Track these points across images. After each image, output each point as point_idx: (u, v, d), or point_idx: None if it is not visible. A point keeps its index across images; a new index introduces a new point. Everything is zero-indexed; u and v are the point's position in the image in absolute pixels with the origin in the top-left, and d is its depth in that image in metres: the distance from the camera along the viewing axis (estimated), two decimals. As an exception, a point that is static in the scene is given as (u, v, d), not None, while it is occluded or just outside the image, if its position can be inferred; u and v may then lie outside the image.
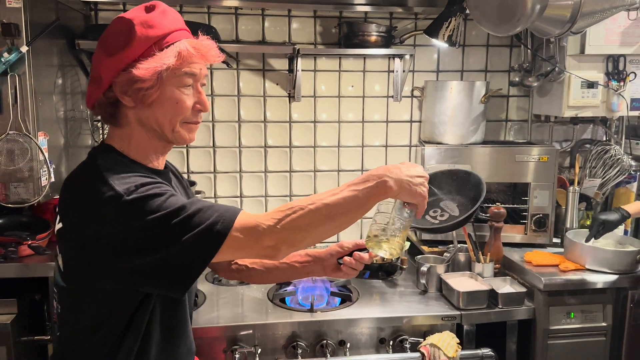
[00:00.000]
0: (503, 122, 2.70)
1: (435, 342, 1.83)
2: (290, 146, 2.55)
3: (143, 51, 1.10)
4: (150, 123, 1.16)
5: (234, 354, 1.82)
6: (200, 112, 1.20)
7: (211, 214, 1.05)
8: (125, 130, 1.18)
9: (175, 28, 1.14)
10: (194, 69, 1.15)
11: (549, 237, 2.37)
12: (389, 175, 1.11)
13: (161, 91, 1.13)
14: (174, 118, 1.16)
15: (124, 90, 1.12)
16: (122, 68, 1.10)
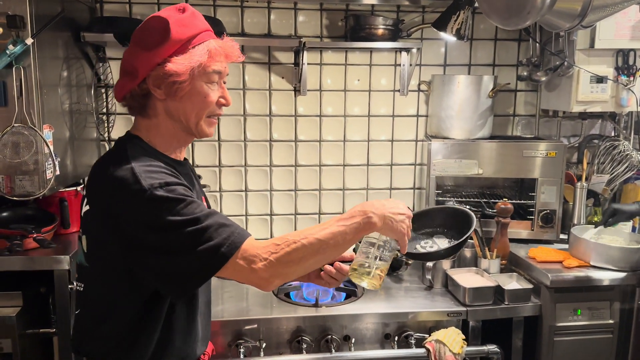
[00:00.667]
0: (510, 117, 2.67)
1: (441, 338, 1.82)
2: (296, 140, 2.54)
3: (177, 48, 1.19)
4: (178, 115, 1.24)
5: (239, 348, 1.82)
6: (223, 106, 1.29)
7: (221, 233, 1.10)
8: (153, 121, 1.26)
9: (204, 29, 1.24)
10: (220, 67, 1.24)
11: (555, 233, 2.35)
12: (374, 211, 1.17)
13: (192, 86, 1.21)
14: (200, 111, 1.24)
15: (157, 83, 1.20)
16: (158, 62, 1.18)
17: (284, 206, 2.57)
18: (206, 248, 1.08)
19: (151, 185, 1.11)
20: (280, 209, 2.57)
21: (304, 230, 1.15)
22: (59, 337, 1.87)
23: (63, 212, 2.01)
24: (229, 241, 1.10)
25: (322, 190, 2.59)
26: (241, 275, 1.12)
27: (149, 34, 1.20)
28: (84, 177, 2.26)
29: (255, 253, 1.11)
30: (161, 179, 1.14)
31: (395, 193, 2.64)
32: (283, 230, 2.59)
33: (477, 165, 2.32)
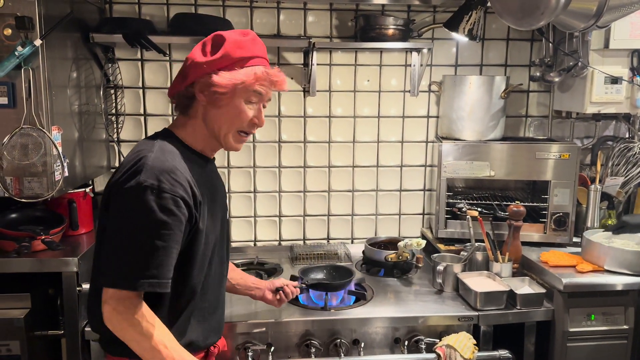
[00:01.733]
0: (523, 118, 2.63)
1: (452, 343, 1.80)
2: (305, 141, 2.52)
3: (227, 64, 1.33)
4: (212, 122, 1.38)
5: (247, 351, 1.81)
6: (255, 126, 1.41)
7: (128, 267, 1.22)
8: (192, 121, 1.41)
9: (259, 55, 1.38)
10: (262, 90, 1.37)
11: (569, 237, 2.31)
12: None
13: (231, 99, 1.35)
14: (232, 125, 1.38)
15: (202, 89, 1.34)
16: (207, 72, 1.33)
17: (293, 207, 2.56)
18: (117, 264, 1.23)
19: (161, 185, 1.24)
20: (289, 210, 2.56)
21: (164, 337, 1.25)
22: (67, 339, 1.86)
23: (72, 213, 2.01)
24: (131, 278, 1.21)
25: (331, 192, 2.57)
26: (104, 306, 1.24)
27: (207, 46, 1.37)
28: (92, 179, 2.26)
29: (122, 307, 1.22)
30: (172, 184, 1.25)
31: (405, 195, 2.62)
32: (292, 232, 2.57)
33: (489, 167, 2.28)
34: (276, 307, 1.83)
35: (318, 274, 2.12)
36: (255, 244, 2.56)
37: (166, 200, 1.23)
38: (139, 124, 2.42)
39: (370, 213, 2.61)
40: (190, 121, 1.41)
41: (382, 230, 2.63)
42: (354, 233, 2.62)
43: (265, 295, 1.80)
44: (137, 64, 2.37)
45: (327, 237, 2.60)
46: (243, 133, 1.41)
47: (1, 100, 1.66)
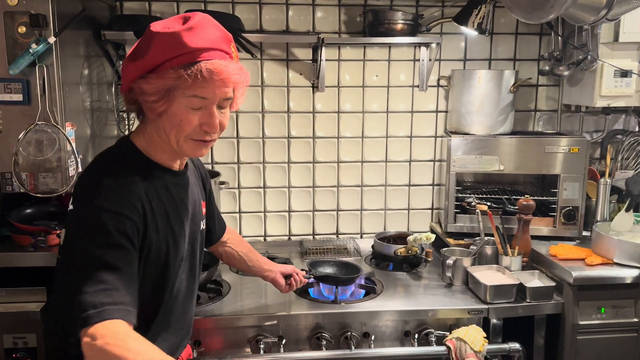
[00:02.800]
0: (532, 112, 2.63)
1: (462, 336, 1.81)
2: (314, 137, 2.53)
3: (159, 63, 1.12)
4: (159, 130, 1.22)
5: (259, 344, 1.83)
6: (208, 133, 1.20)
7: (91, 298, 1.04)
8: (147, 127, 1.24)
9: (203, 46, 1.13)
10: (205, 93, 1.15)
11: (578, 230, 2.31)
12: None
13: (168, 106, 1.16)
14: (178, 133, 1.19)
15: (137, 95, 1.17)
16: (139, 76, 1.14)
17: (302, 203, 2.57)
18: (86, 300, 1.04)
19: (102, 204, 1.11)
20: (299, 205, 2.57)
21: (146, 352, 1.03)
22: (81, 332, 1.89)
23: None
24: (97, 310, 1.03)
25: (340, 187, 2.58)
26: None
27: (140, 44, 1.16)
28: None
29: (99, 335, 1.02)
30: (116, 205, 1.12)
31: (414, 189, 2.62)
32: (301, 227, 2.59)
33: (498, 162, 2.29)
34: (283, 292, 1.84)
35: (326, 267, 2.14)
36: (265, 238, 2.58)
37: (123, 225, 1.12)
38: (149, 120, 2.44)
39: (379, 208, 2.62)
40: (147, 127, 1.24)
41: (391, 225, 2.64)
42: (363, 228, 2.63)
43: (276, 278, 1.80)
44: (147, 61, 2.39)
45: (336, 232, 2.62)
46: (199, 140, 1.21)
47: (16, 97, 1.69)
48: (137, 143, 1.25)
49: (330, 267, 2.14)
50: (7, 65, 1.67)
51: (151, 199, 1.22)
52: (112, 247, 1.09)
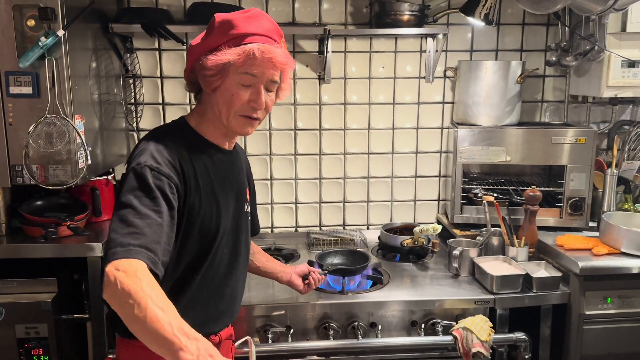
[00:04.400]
0: (539, 103, 2.63)
1: (468, 326, 1.82)
2: (320, 129, 2.54)
3: (217, 45, 1.28)
4: (213, 107, 1.35)
5: (267, 333, 1.85)
6: (256, 110, 1.33)
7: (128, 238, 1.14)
8: (202, 107, 1.39)
9: (257, 32, 1.29)
10: (255, 71, 1.28)
11: (585, 221, 2.32)
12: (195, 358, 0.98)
13: (222, 82, 1.30)
14: (229, 108, 1.32)
15: (198, 74, 1.32)
16: (201, 55, 1.30)
17: (309, 194, 2.59)
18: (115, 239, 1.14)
19: (146, 161, 1.23)
20: (305, 197, 2.59)
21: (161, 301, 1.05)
22: (92, 322, 1.92)
23: (95, 200, 2.06)
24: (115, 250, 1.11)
25: (346, 179, 2.59)
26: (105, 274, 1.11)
27: (205, 32, 1.33)
28: (113, 167, 2.30)
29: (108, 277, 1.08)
30: (158, 162, 1.23)
31: (420, 181, 2.63)
32: (308, 219, 2.61)
33: (505, 153, 2.29)
34: (302, 293, 1.84)
35: (335, 258, 2.15)
36: (273, 230, 2.60)
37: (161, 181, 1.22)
38: (157, 113, 2.45)
39: (385, 199, 2.63)
40: (202, 108, 1.39)
41: (397, 216, 2.65)
42: (369, 219, 2.64)
43: (292, 280, 1.81)
44: (154, 54, 2.41)
45: (343, 224, 2.63)
46: (246, 117, 1.34)
47: (26, 90, 1.71)
48: (190, 121, 1.39)
49: (338, 257, 2.15)
50: (16, 59, 1.68)
51: (196, 166, 1.32)
52: (148, 198, 1.19)
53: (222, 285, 1.44)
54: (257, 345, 1.84)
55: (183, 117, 1.42)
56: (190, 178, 1.29)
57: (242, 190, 1.51)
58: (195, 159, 1.33)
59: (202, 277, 1.37)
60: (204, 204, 1.33)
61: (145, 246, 1.13)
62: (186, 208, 1.29)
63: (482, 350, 1.79)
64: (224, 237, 1.40)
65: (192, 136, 1.37)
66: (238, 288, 1.52)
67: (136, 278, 1.06)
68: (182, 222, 1.29)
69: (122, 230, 1.15)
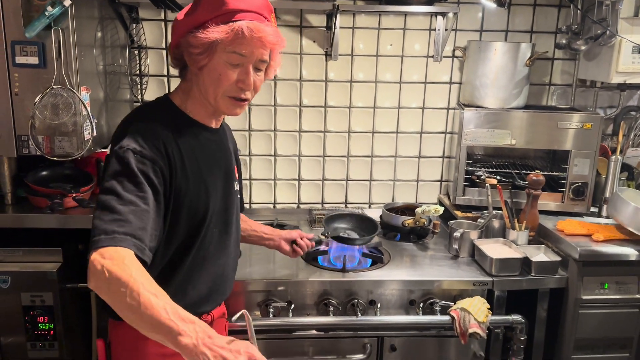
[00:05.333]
0: (546, 86, 2.60)
1: (466, 307, 1.85)
2: (325, 106, 2.53)
3: (204, 21, 1.22)
4: (199, 86, 1.30)
5: (269, 308, 1.88)
6: (244, 90, 1.28)
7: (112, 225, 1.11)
8: (187, 85, 1.34)
9: (247, 9, 1.23)
10: (244, 50, 1.24)
11: (586, 206, 2.33)
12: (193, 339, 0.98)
13: (209, 60, 1.25)
14: (216, 89, 1.27)
15: (184, 50, 1.27)
16: (187, 31, 1.24)
17: (312, 172, 2.59)
18: (99, 226, 1.11)
19: (129, 145, 1.19)
20: (308, 174, 2.59)
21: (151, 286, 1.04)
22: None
23: (100, 172, 2.06)
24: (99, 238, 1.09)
25: (350, 157, 2.59)
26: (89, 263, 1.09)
27: (191, 5, 1.27)
28: (118, 138, 2.29)
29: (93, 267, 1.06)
30: (141, 146, 1.20)
31: (423, 161, 2.63)
32: (311, 196, 2.62)
33: (510, 136, 2.28)
34: (291, 257, 1.86)
35: (342, 222, 2.10)
36: (275, 206, 2.62)
37: (145, 165, 1.19)
38: (162, 84, 2.44)
39: (388, 179, 2.64)
40: (187, 85, 1.34)
41: (399, 196, 2.66)
42: (371, 198, 2.66)
43: (280, 245, 1.81)
44: (160, 25, 2.38)
45: (345, 202, 2.64)
46: (234, 98, 1.29)
47: (32, 60, 1.69)
48: (174, 99, 1.35)
49: (346, 222, 2.11)
50: (23, 28, 1.66)
51: (182, 147, 1.28)
52: (132, 184, 1.16)
53: (214, 265, 1.43)
54: (258, 319, 1.88)
55: (167, 94, 1.38)
56: (175, 160, 1.26)
57: (231, 169, 1.48)
58: (181, 140, 1.29)
59: (192, 258, 1.36)
60: (191, 185, 1.30)
61: (130, 233, 1.11)
62: (172, 191, 1.26)
63: (479, 331, 1.82)
64: (213, 217, 1.38)
65: (177, 115, 1.33)
66: (229, 266, 1.51)
67: (124, 265, 1.04)
68: (169, 206, 1.26)
69: (106, 217, 1.12)
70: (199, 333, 0.99)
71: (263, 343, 1.90)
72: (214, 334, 1.01)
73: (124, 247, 1.09)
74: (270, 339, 1.90)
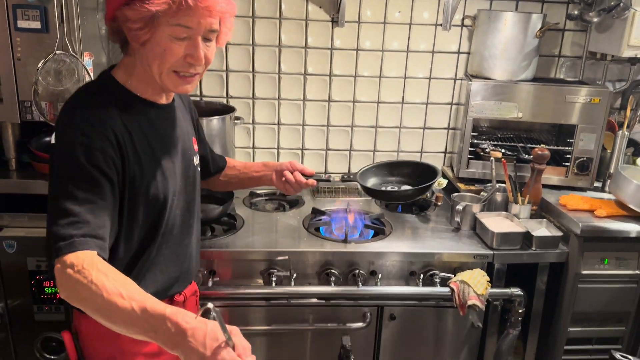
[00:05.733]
0: (555, 58, 2.56)
1: (466, 279, 1.87)
2: (331, 74, 2.49)
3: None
4: (142, 61, 1.19)
5: (271, 277, 1.90)
6: (194, 65, 1.18)
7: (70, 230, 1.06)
8: (130, 60, 1.22)
9: None
10: (190, 22, 1.12)
11: (590, 181, 2.32)
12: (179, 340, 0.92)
13: (152, 35, 1.13)
14: (161, 65, 1.16)
15: (122, 24, 1.14)
16: (123, 2, 1.11)
17: (316, 141, 2.58)
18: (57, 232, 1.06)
19: (74, 137, 1.11)
20: (312, 144, 2.58)
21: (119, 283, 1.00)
22: (101, 257, 1.97)
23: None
24: (67, 242, 1.04)
25: (354, 127, 2.57)
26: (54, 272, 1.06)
27: None
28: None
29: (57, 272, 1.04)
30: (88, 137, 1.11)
31: (428, 132, 2.61)
32: (314, 165, 2.61)
33: (517, 109, 2.26)
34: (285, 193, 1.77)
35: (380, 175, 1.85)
36: (278, 174, 2.61)
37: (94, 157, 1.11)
38: (165, 50, 2.40)
39: (392, 150, 2.62)
40: (130, 60, 1.22)
41: (403, 166, 2.65)
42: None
43: (272, 179, 1.71)
44: (163, -12, 2.32)
45: (348, 172, 2.64)
46: (182, 75, 1.19)
47: (34, 24, 1.66)
48: (117, 76, 1.23)
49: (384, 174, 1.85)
50: (24, -9, 1.63)
51: (132, 131, 1.20)
52: (83, 180, 1.09)
53: (180, 245, 1.39)
54: (260, 287, 1.91)
55: (109, 72, 1.25)
56: (126, 146, 1.18)
57: (188, 144, 1.40)
58: (130, 123, 1.20)
59: (159, 244, 1.32)
60: (146, 171, 1.23)
61: (89, 234, 1.06)
62: (127, 180, 1.19)
63: (478, 303, 1.85)
64: (174, 199, 1.32)
65: (122, 95, 1.22)
66: (194, 244, 1.47)
67: (85, 271, 1.00)
68: (125, 195, 1.20)
69: (61, 221, 1.06)
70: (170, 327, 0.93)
71: (264, 310, 1.94)
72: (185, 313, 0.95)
73: (85, 249, 1.04)
74: (271, 306, 1.93)
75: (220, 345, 0.91)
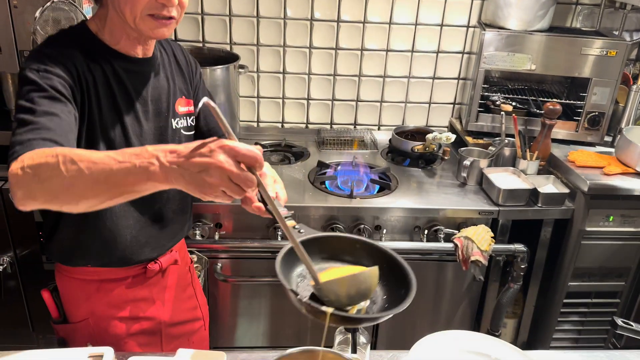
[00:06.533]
0: (572, 6, 2.45)
1: (470, 235, 1.88)
2: (338, 20, 2.40)
3: None
4: (115, 6, 1.13)
5: (277, 230, 1.92)
6: (167, 7, 1.12)
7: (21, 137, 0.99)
8: (104, 10, 1.17)
9: None
10: None
11: (600, 136, 2.29)
12: (160, 157, 0.85)
13: None
14: (133, 8, 1.10)
15: None
16: None
17: (322, 91, 2.52)
18: (15, 140, 1.00)
19: (30, 65, 1.07)
20: (318, 93, 2.53)
21: (84, 153, 0.92)
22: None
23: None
24: (23, 145, 0.98)
25: (361, 77, 2.51)
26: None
27: None
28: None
29: (11, 167, 0.95)
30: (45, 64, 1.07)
31: (437, 82, 2.55)
32: (319, 116, 2.57)
33: (531, 61, 2.19)
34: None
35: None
36: (283, 125, 2.58)
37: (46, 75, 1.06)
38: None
39: (399, 100, 2.57)
40: (103, 11, 1.17)
41: (410, 118, 2.61)
42: (381, 120, 2.61)
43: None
44: None
45: (354, 123, 2.60)
46: (157, 18, 1.13)
47: (28, -31, 1.59)
48: (90, 26, 1.19)
49: None
50: None
51: (95, 74, 1.15)
52: (43, 98, 1.05)
53: (150, 207, 1.30)
54: (266, 241, 1.92)
55: (83, 21, 1.21)
56: (88, 85, 1.13)
57: (165, 105, 1.29)
58: (95, 68, 1.15)
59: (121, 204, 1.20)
60: (105, 119, 1.17)
61: (49, 139, 0.99)
62: (85, 119, 1.14)
63: (481, 259, 1.87)
64: None
65: (93, 43, 1.17)
66: (172, 208, 1.36)
67: (46, 152, 0.93)
68: (82, 135, 1.14)
69: (20, 130, 1.00)
70: (157, 152, 0.86)
71: (268, 263, 1.96)
72: (175, 146, 0.87)
73: (42, 147, 0.97)
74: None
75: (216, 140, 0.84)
